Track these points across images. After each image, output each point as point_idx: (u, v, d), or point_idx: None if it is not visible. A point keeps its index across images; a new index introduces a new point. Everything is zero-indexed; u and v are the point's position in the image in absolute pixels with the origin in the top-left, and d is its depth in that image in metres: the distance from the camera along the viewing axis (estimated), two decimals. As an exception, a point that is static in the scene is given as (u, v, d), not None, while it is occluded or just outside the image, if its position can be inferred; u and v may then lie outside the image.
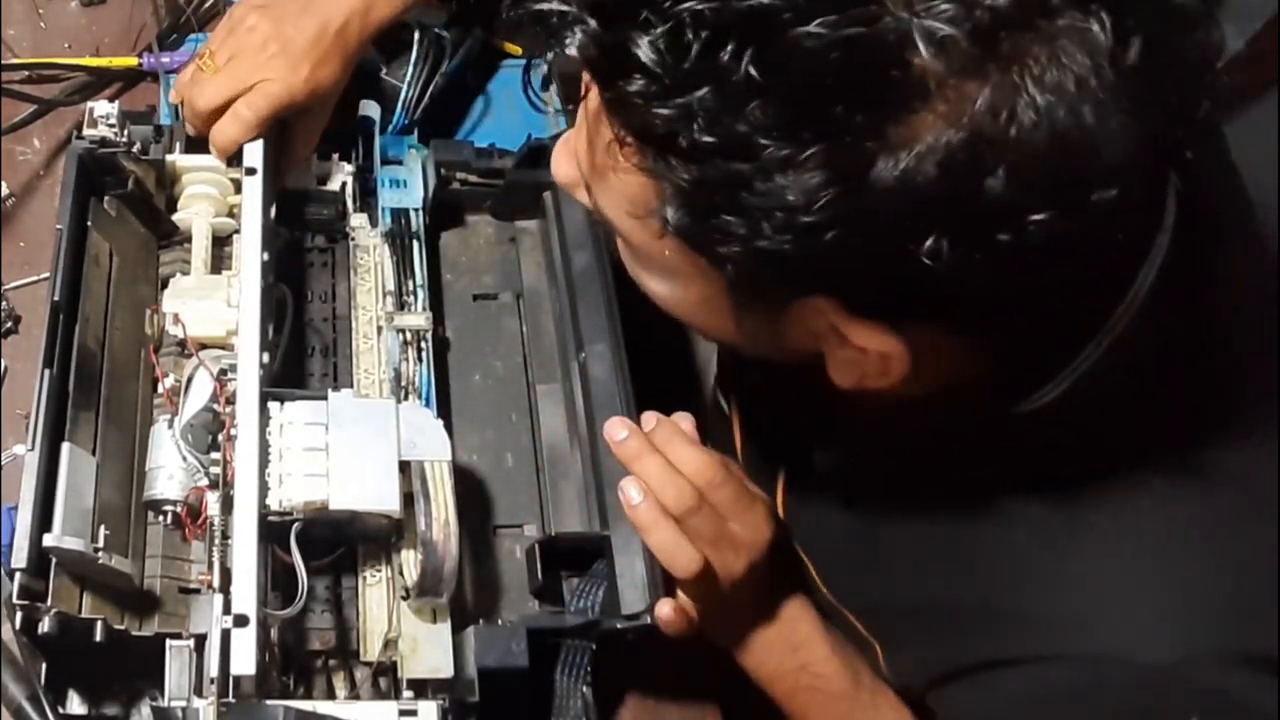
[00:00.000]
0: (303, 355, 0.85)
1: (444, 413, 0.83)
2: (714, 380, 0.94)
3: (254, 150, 0.81)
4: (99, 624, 0.64)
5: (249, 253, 0.76)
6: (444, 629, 0.72)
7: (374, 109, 0.92)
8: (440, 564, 0.69)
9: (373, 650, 0.72)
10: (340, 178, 0.91)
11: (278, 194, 0.84)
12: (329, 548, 0.73)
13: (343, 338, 0.86)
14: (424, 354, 0.83)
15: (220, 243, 0.86)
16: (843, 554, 0.76)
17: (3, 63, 0.99)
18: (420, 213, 0.90)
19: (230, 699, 0.61)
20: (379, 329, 0.85)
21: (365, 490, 0.69)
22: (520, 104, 1.06)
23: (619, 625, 0.70)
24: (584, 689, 0.72)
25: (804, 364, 0.59)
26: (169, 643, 0.66)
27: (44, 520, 0.66)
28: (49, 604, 0.64)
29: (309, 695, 0.71)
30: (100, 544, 0.68)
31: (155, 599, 0.71)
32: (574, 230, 0.87)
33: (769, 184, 0.47)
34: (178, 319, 0.77)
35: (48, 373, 0.71)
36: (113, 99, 0.83)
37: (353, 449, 0.70)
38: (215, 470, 0.70)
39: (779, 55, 0.45)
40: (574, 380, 0.83)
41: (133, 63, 1.00)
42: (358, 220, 0.90)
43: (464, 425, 0.85)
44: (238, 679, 0.61)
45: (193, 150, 0.86)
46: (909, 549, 0.70)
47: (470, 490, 0.81)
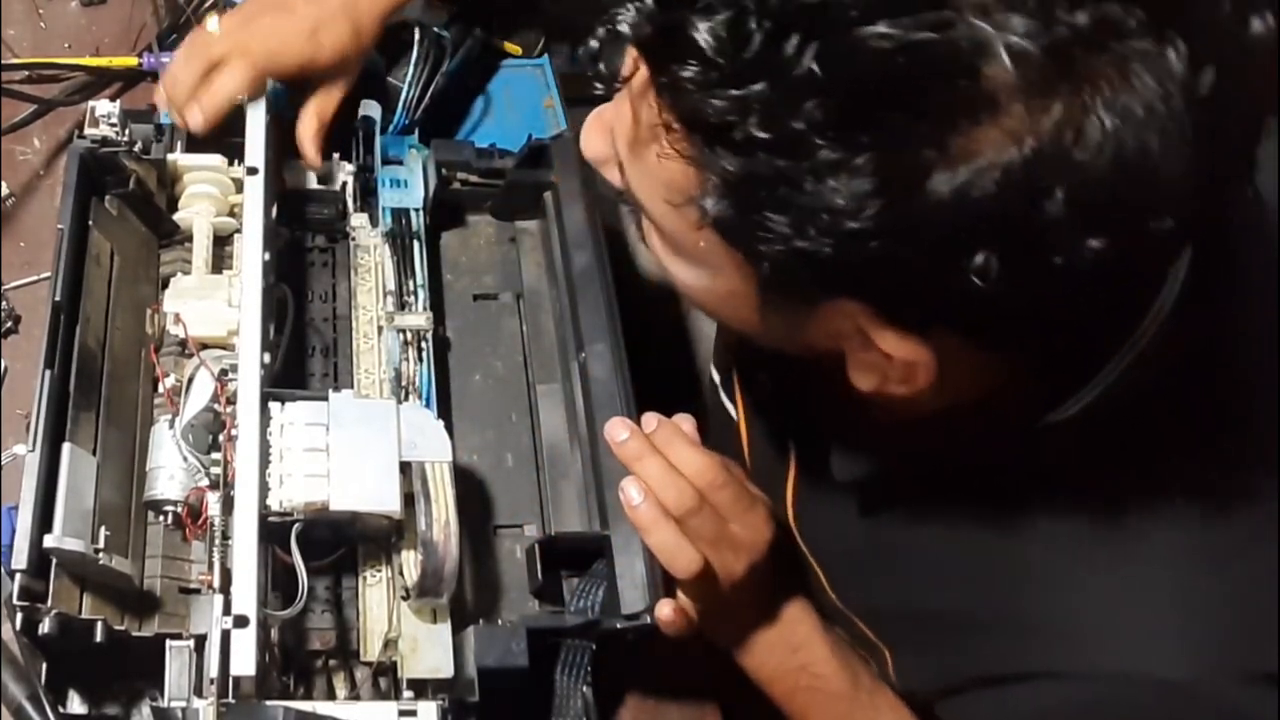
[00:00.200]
0: (303, 355, 0.85)
1: (444, 413, 0.83)
2: (709, 380, 0.93)
3: (255, 150, 0.81)
4: (99, 624, 0.64)
5: (250, 252, 0.76)
6: (444, 629, 0.72)
7: (375, 109, 0.92)
8: (440, 564, 0.69)
9: (373, 650, 0.72)
10: (341, 178, 0.91)
11: (278, 194, 0.84)
12: (329, 548, 0.73)
13: (343, 338, 0.86)
14: (424, 354, 0.83)
15: (221, 242, 0.86)
16: (854, 558, 0.75)
17: (3, 63, 0.99)
18: (421, 213, 0.90)
19: (230, 699, 0.61)
20: (379, 329, 0.85)
21: (366, 491, 0.69)
22: (520, 104, 1.06)
23: (619, 625, 0.70)
24: (584, 689, 0.72)
25: (820, 362, 0.58)
26: (169, 643, 0.66)
27: (44, 521, 0.66)
28: (49, 605, 0.64)
29: (309, 695, 0.71)
30: (100, 544, 0.68)
31: (155, 599, 0.72)
32: (574, 230, 0.87)
33: (818, 185, 0.46)
34: (178, 319, 0.77)
35: (48, 373, 0.71)
36: (113, 99, 0.83)
37: (353, 449, 0.70)
38: (216, 470, 0.70)
39: (843, 53, 0.43)
40: (574, 380, 0.83)
41: (133, 63, 1.01)
42: (358, 220, 0.91)
43: (464, 425, 0.85)
44: (238, 679, 0.61)
45: (194, 150, 0.86)
46: (926, 557, 0.69)
47: (470, 490, 0.81)
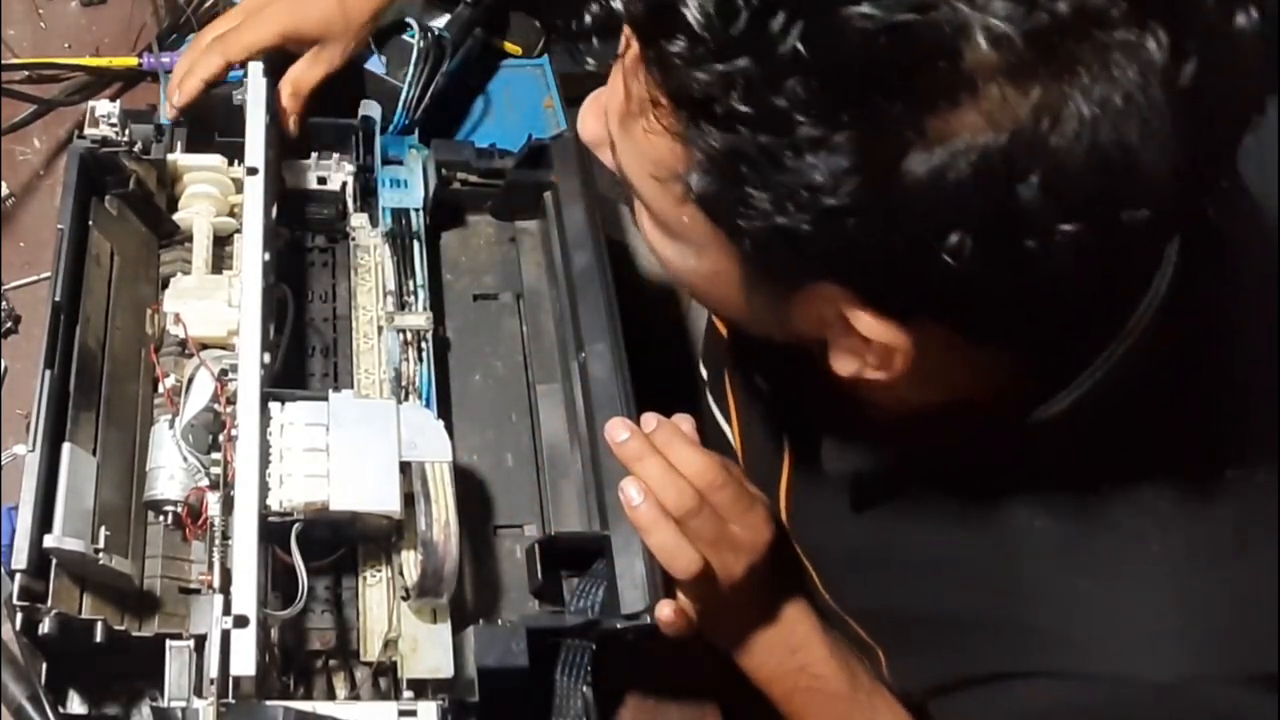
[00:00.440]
0: (303, 355, 0.85)
1: (444, 413, 0.83)
2: (700, 384, 0.92)
3: (255, 150, 0.80)
4: (99, 624, 0.64)
5: (250, 252, 0.76)
6: (444, 629, 0.72)
7: (375, 109, 0.92)
8: (440, 564, 0.69)
9: (373, 650, 0.72)
10: (341, 178, 0.91)
11: (278, 194, 0.84)
12: (329, 548, 0.73)
13: (343, 338, 0.86)
14: (424, 354, 0.83)
15: (221, 242, 0.86)
16: (848, 558, 0.76)
17: (3, 63, 0.99)
18: (421, 213, 0.90)
19: (230, 699, 0.61)
20: (379, 329, 0.85)
21: (366, 491, 0.69)
22: (520, 104, 1.06)
23: (619, 625, 0.70)
24: (584, 689, 0.71)
25: (811, 355, 0.58)
26: (169, 643, 0.66)
27: (44, 521, 0.66)
28: (49, 605, 0.64)
29: (309, 695, 0.71)
30: (100, 544, 0.68)
31: (155, 599, 0.71)
32: (574, 230, 0.87)
33: (798, 162, 0.46)
34: (178, 319, 0.77)
35: (48, 373, 0.71)
36: (113, 99, 0.83)
37: (353, 449, 0.70)
38: (216, 470, 0.70)
39: (827, 32, 0.44)
40: (574, 380, 0.83)
41: (133, 63, 1.01)
42: (358, 220, 0.91)
43: (464, 425, 0.85)
44: (238, 679, 0.61)
45: (194, 150, 0.86)
46: (919, 557, 0.69)
47: (470, 490, 0.81)
